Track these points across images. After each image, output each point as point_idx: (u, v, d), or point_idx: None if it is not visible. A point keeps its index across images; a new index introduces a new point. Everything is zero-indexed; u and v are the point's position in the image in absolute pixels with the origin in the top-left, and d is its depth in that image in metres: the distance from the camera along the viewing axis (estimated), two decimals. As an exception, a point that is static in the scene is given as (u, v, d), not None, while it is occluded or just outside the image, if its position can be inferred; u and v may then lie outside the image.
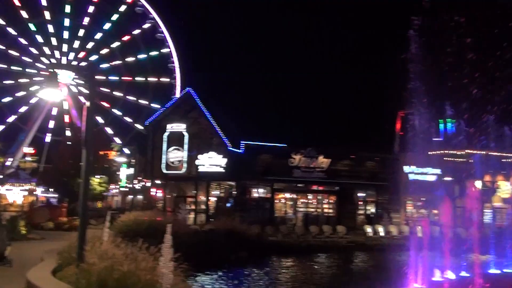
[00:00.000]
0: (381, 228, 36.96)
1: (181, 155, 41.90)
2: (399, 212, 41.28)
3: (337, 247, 30.25)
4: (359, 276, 21.13)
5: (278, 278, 19.67)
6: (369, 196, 44.40)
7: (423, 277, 15.72)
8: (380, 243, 32.47)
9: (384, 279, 15.88)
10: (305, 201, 43.24)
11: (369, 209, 44.22)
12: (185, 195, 43.21)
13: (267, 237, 30.50)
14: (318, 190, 43.24)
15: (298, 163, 40.47)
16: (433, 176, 40.74)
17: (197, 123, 42.33)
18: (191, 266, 12.97)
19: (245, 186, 41.15)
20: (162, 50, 66.95)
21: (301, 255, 26.19)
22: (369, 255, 28.14)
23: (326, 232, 35.26)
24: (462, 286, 13.05)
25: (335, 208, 42.38)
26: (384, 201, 43.49)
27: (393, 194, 40.57)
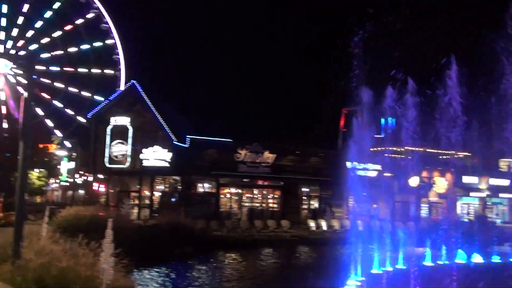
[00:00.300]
0: (324, 223, 37.76)
1: (125, 149, 41.08)
2: (341, 206, 42.30)
3: (282, 241, 30.67)
4: (302, 269, 21.52)
5: (223, 272, 19.74)
6: (313, 191, 45.26)
7: (363, 269, 16.23)
8: (323, 237, 33.19)
9: (326, 272, 16.28)
10: (251, 196, 43.52)
11: (312, 203, 45.07)
12: (129, 189, 42.44)
13: (212, 232, 30.49)
14: (263, 185, 43.62)
15: (244, 158, 40.67)
16: (374, 172, 41.99)
17: (141, 116, 41.59)
18: (134, 262, 12.79)
19: (190, 181, 40.93)
20: (106, 41, 65.14)
21: (246, 250, 26.37)
22: (312, 248, 28.71)
23: (270, 226, 35.64)
24: (398, 277, 13.57)
25: (279, 203, 42.90)
26: (327, 196, 44.47)
27: (336, 189, 41.50)
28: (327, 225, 37.58)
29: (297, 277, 16.95)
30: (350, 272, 15.44)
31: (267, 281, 17.46)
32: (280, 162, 42.45)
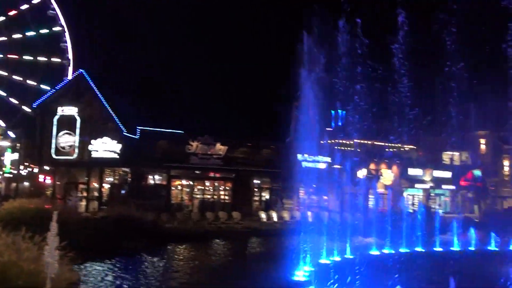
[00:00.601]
0: (274, 214, 38.18)
1: (72, 139, 40.03)
2: (292, 198, 42.87)
3: (233, 233, 30.75)
4: (252, 260, 21.69)
5: (173, 265, 19.62)
6: (264, 183, 45.63)
7: (312, 259, 16.57)
8: (274, 228, 33.53)
9: (276, 262, 16.49)
10: (202, 187, 43.42)
11: (264, 195, 45.45)
12: (76, 181, 41.39)
13: (163, 224, 30.19)
14: (214, 177, 43.58)
15: (196, 150, 40.46)
16: (324, 164, 42.74)
17: (90, 106, 40.61)
18: (80, 255, 12.51)
19: (140, 173, 40.36)
20: (53, 28, 62.96)
21: (197, 242, 26.29)
22: (263, 239, 28.95)
23: (222, 218, 35.70)
24: (345, 266, 13.95)
25: (231, 195, 43.01)
26: (278, 188, 44.94)
27: (286, 181, 42.01)
28: (278, 216, 38.02)
29: (247, 267, 17.10)
30: (299, 262, 15.72)
31: (217, 272, 17.51)
32: (232, 154, 42.53)
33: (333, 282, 12.01)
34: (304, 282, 13.86)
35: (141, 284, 14.78)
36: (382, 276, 12.63)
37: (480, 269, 17.21)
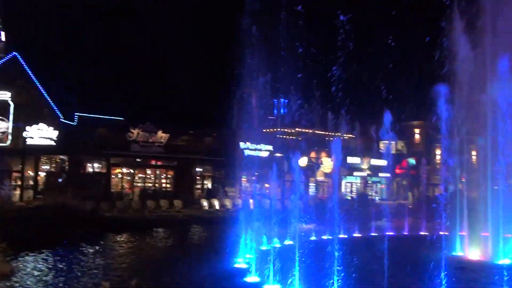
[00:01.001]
0: (216, 202, 38.31)
1: (5, 126, 38.25)
2: (234, 186, 43.13)
3: (174, 221, 30.60)
4: (194, 248, 21.73)
5: (111, 254, 19.33)
6: (207, 171, 45.59)
7: (253, 246, 16.83)
8: (216, 216, 33.67)
9: (218, 250, 16.65)
10: (143, 176, 42.82)
11: (206, 183, 45.45)
12: (10, 169, 39.64)
13: (102, 213, 29.62)
14: (156, 165, 43.08)
15: (137, 137, 39.77)
16: (266, 152, 43.24)
17: (25, 91, 38.83)
18: (15, 246, 12.13)
19: (79, 161, 39.24)
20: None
21: (138, 230, 26.01)
22: (205, 227, 29.03)
23: (163, 206, 35.43)
24: (285, 252, 14.27)
25: (173, 183, 42.70)
26: (220, 176, 45.06)
27: (229, 169, 42.19)
28: (220, 204, 38.18)
29: (188, 256, 17.13)
30: (240, 250, 15.95)
31: (157, 261, 17.43)
32: (174, 142, 42.14)
33: (273, 267, 12.28)
34: (245, 269, 14.11)
35: (76, 274, 14.49)
36: (320, 260, 13.03)
37: (412, 252, 18.12)
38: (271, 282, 12.10)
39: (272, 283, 12.07)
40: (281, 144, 43.04)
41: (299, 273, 11.25)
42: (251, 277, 12.95)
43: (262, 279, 12.62)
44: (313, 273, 11.52)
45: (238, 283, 12.59)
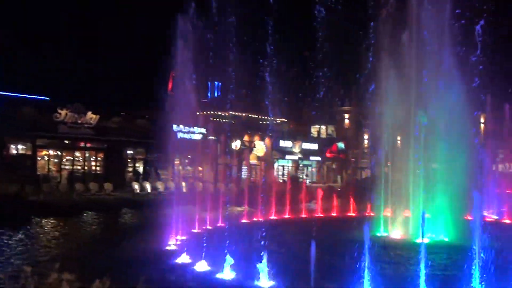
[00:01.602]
0: (148, 185, 37.83)
1: None
2: (167, 169, 42.71)
3: (104, 204, 29.94)
4: (124, 231, 21.43)
5: (35, 239, 18.69)
6: (139, 154, 44.83)
7: (185, 229, 16.86)
8: (147, 199, 33.25)
9: (149, 233, 16.52)
10: (71, 158, 41.45)
11: (138, 166, 44.73)
12: None
13: (26, 197, 28.45)
14: (85, 147, 41.80)
15: (64, 118, 38.29)
16: (199, 135, 43.07)
17: None
18: None
19: (1, 142, 37.31)
20: None
21: (65, 214, 25.24)
22: (136, 211, 28.63)
23: (92, 189, 34.53)
24: (217, 234, 14.44)
25: (103, 166, 41.67)
26: (152, 159, 44.43)
27: (162, 151, 41.66)
28: (152, 187, 37.73)
29: (118, 239, 16.88)
30: (171, 232, 15.92)
31: (86, 245, 17.05)
32: (104, 123, 41.00)
33: (204, 249, 12.39)
34: (176, 251, 14.12)
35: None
36: (250, 241, 13.32)
37: (338, 232, 18.83)
38: (202, 263, 12.21)
39: (202, 264, 12.18)
40: (215, 127, 42.99)
41: (229, 254, 11.42)
42: (182, 259, 12.99)
43: (193, 260, 12.70)
44: (243, 254, 11.74)
45: (169, 264, 12.59)
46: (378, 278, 9.98)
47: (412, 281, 10.12)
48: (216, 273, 11.37)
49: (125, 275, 9.18)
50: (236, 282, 10.86)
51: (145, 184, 38.07)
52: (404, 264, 13.26)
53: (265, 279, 10.68)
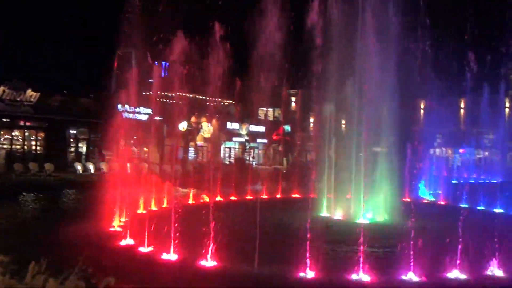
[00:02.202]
0: (91, 166, 37.00)
1: None
2: (111, 150, 41.85)
3: (45, 185, 29.06)
4: (65, 213, 20.91)
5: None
6: (82, 133, 43.69)
7: (129, 210, 16.66)
8: (91, 180, 32.51)
9: (92, 215, 16.21)
10: (10, 137, 39.82)
11: (81, 146, 43.60)
12: None
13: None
14: (25, 125, 40.25)
15: (2, 95, 36.63)
16: (145, 116, 42.42)
17: None
18: None
19: None
20: None
21: (3, 196, 24.27)
22: (78, 192, 27.96)
23: (32, 170, 33.41)
24: (161, 216, 14.37)
25: (44, 145, 40.36)
26: (96, 139, 43.42)
27: (106, 132, 40.74)
28: (96, 168, 36.94)
29: (59, 221, 16.45)
30: (115, 214, 15.70)
31: (23, 228, 16.53)
32: (46, 101, 39.56)
33: (148, 231, 12.33)
34: (119, 232, 13.97)
35: None
36: (195, 223, 13.34)
37: (283, 213, 19.23)
38: (145, 245, 12.17)
39: (146, 246, 12.14)
40: (161, 107, 42.37)
41: (173, 235, 11.44)
42: (125, 241, 12.89)
43: (136, 242, 12.63)
44: (187, 236, 11.80)
45: (112, 246, 12.46)
46: (320, 257, 10.33)
47: (352, 259, 10.54)
48: (161, 254, 11.38)
49: (63, 258, 9.01)
50: (180, 263, 10.92)
51: (88, 164, 37.21)
52: (345, 243, 13.74)
53: (210, 260, 10.79)
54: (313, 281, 9.89)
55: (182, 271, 10.37)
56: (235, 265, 10.55)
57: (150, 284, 9.18)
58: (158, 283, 9.46)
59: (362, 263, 10.17)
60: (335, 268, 10.53)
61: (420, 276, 10.13)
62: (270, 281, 9.65)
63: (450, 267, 10.46)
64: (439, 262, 10.53)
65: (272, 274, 10.00)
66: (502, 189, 22.62)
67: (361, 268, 10.14)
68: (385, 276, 10.14)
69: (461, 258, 10.46)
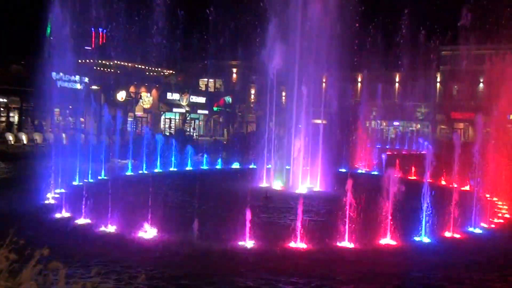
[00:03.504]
0: (24, 136, 35.50)
1: None
2: (45, 119, 40.30)
3: (-27, 157, 27.61)
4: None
5: None
6: (13, 103, 41.67)
7: (64, 182, 16.21)
8: (23, 151, 31.29)
9: (26, 187, 15.67)
10: None
11: (12, 116, 41.68)
12: None
13: None
14: (-51, 93, 37.90)
15: None
16: (81, 85, 40.99)
17: None
18: None
19: None
20: None
21: None
22: (10, 164, 26.76)
23: (-41, 140, 31.68)
24: (98, 187, 14.10)
25: (-30, 115, 38.25)
26: (29, 108, 41.62)
27: (39, 101, 39.08)
28: (28, 138, 35.48)
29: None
30: (50, 186, 15.24)
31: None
32: (-28, 68, 37.37)
33: (84, 203, 12.09)
34: (55, 205, 13.60)
35: None
36: (133, 194, 13.24)
37: (223, 184, 19.37)
38: (82, 217, 11.95)
39: (82, 218, 11.92)
40: (98, 76, 41.04)
41: (112, 207, 11.29)
42: (61, 213, 12.58)
43: (73, 214, 12.37)
44: (125, 207, 11.69)
45: (47, 219, 12.13)
46: (258, 227, 10.55)
47: (289, 227, 10.85)
48: (98, 227, 11.21)
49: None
50: (118, 235, 10.81)
51: (21, 135, 35.66)
52: (283, 212, 14.08)
53: (148, 231, 10.76)
54: (251, 250, 10.10)
55: (120, 243, 10.26)
56: (173, 236, 10.57)
57: (85, 256, 9.06)
58: (92, 255, 9.34)
59: (300, 232, 10.48)
60: (273, 237, 10.78)
61: (354, 243, 10.60)
62: (208, 250, 9.76)
63: (382, 233, 11.02)
64: (372, 229, 11.07)
65: (210, 244, 10.12)
66: (431, 160, 23.71)
67: (298, 237, 10.46)
68: (321, 244, 10.51)
69: (392, 225, 11.02)
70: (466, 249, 11.17)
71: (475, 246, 11.42)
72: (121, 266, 8.64)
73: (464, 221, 12.75)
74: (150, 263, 8.95)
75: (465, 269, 9.46)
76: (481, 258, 10.23)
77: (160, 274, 8.30)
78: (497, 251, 10.81)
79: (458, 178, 15.05)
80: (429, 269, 9.45)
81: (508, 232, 13.03)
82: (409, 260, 10.19)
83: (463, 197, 13.68)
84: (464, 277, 9.02)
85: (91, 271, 6.86)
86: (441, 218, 11.96)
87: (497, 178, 16.35)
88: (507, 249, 11.11)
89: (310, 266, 9.32)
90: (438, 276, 9.09)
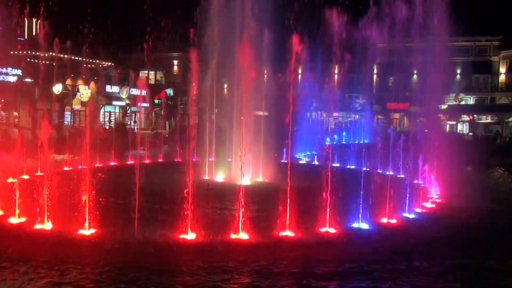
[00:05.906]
0: (-49, 131, 33.61)
1: None
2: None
3: None
4: None
5: None
6: None
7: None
8: (-49, 147, 29.61)
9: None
10: None
11: None
12: None
13: None
14: None
15: None
16: (14, 77, 39.27)
17: None
18: None
19: None
20: None
21: None
22: None
23: None
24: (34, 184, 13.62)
25: None
26: (-43, 102, 39.42)
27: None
28: (-43, 134, 33.60)
29: None
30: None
31: None
32: None
33: (18, 200, 11.65)
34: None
35: None
36: (71, 191, 12.92)
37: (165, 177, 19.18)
38: (16, 215, 11.53)
39: (16, 217, 11.51)
40: (33, 68, 39.37)
41: (49, 204, 10.97)
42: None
43: (6, 212, 11.91)
44: (62, 204, 11.40)
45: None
46: (200, 219, 10.58)
47: (231, 219, 10.95)
48: (34, 224, 10.85)
49: None
50: (55, 232, 10.51)
51: None
52: (225, 204, 14.15)
53: (87, 228, 10.53)
54: (192, 243, 10.10)
55: (58, 241, 9.96)
56: (114, 231, 10.40)
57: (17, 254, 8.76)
58: (29, 254, 9.06)
59: (241, 223, 10.59)
60: (215, 229, 10.83)
61: (296, 233, 10.83)
62: (149, 245, 9.68)
63: (322, 221, 11.33)
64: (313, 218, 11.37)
65: (151, 237, 10.05)
66: (369, 150, 24.47)
67: (240, 228, 10.57)
68: (263, 234, 10.66)
69: (332, 213, 11.35)
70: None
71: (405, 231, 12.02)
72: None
73: (400, 207, 13.42)
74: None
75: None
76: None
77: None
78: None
79: (393, 167, 15.72)
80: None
81: (439, 216, 13.86)
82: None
83: (398, 184, 14.32)
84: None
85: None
86: (376, 206, 12.46)
87: (429, 166, 17.18)
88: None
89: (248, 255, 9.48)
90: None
